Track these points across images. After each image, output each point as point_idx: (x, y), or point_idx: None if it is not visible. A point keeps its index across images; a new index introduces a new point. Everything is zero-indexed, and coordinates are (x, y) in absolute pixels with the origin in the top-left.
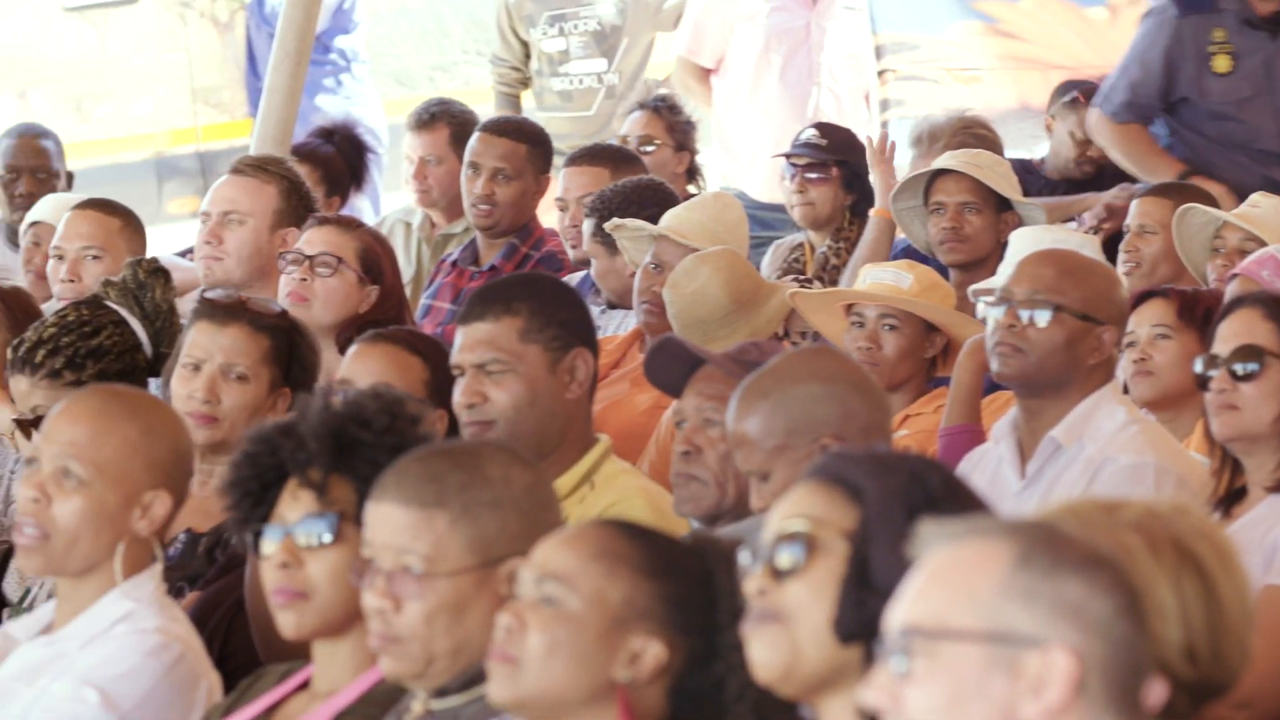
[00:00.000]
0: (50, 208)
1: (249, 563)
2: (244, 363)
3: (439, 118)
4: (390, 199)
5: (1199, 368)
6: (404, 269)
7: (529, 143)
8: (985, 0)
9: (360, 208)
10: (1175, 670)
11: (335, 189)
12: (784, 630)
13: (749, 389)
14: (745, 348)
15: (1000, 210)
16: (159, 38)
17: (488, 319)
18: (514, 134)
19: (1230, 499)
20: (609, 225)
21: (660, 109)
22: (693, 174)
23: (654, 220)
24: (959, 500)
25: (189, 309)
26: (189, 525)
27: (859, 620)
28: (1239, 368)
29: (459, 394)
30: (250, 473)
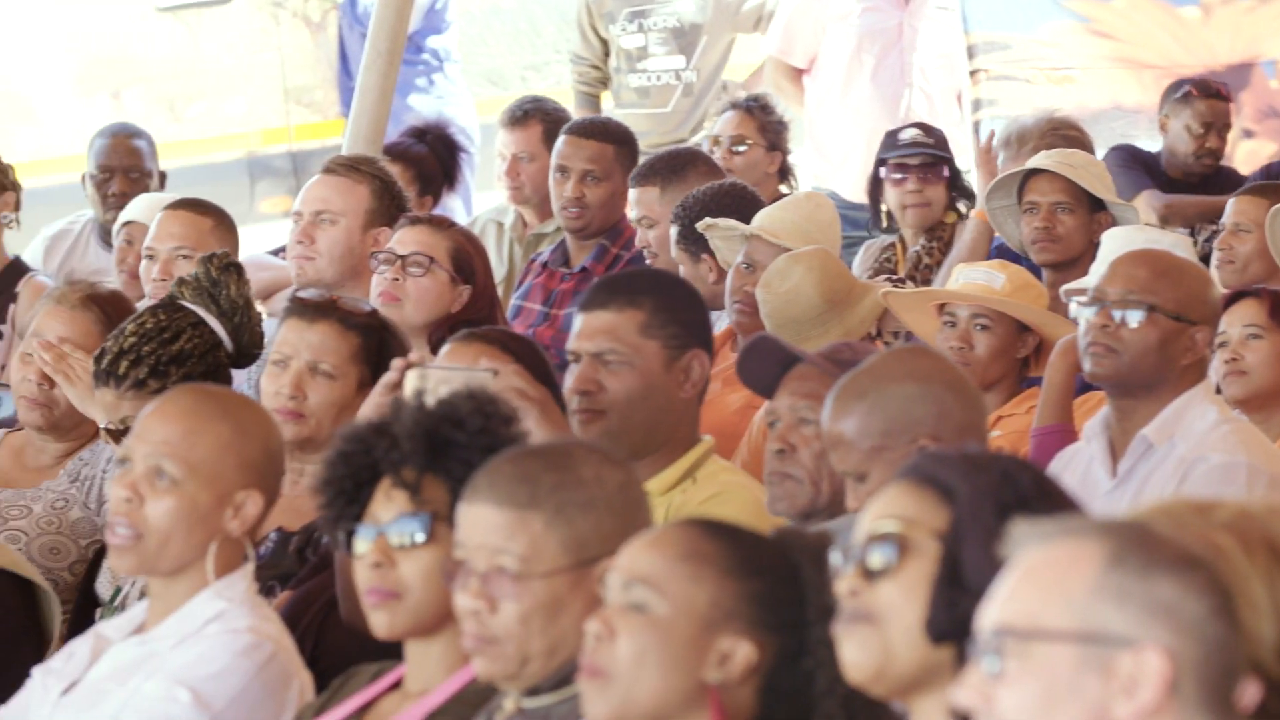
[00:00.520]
0: (143, 208)
1: (336, 561)
2: (331, 360)
3: (532, 115)
4: (482, 199)
5: None
6: (496, 268)
7: (616, 143)
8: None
9: (452, 207)
10: (1269, 671)
11: (428, 188)
12: (876, 631)
13: (845, 389)
14: (838, 347)
15: (1093, 210)
16: (251, 37)
17: (610, 309)
18: (601, 135)
19: None
20: (701, 225)
21: (753, 109)
22: (785, 174)
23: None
24: (1050, 500)
25: (281, 308)
26: (279, 524)
27: (951, 620)
28: None
29: (572, 380)
30: (344, 472)
